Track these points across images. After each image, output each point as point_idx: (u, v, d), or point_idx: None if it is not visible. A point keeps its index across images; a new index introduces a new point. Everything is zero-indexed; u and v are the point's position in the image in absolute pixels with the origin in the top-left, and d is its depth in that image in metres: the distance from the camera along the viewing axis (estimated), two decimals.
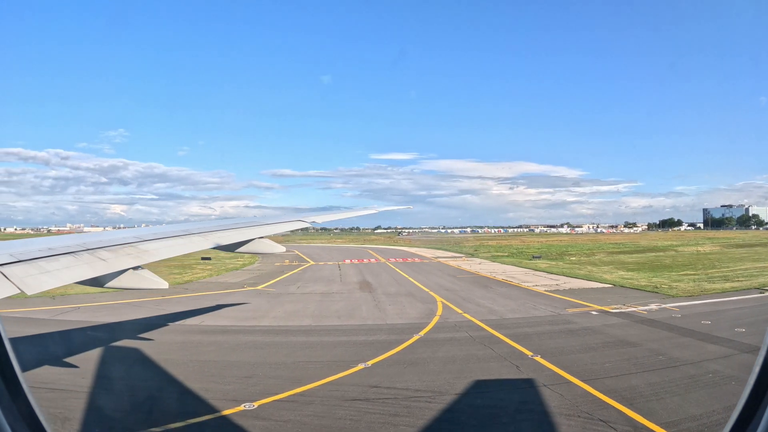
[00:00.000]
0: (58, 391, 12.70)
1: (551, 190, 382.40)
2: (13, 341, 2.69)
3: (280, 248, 10.78)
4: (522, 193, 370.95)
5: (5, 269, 5.30)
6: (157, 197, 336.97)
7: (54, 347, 18.16)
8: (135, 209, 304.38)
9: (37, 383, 13.03)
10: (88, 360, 15.84)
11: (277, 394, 12.71)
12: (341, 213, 15.92)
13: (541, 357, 16.11)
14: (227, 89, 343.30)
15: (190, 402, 12.28)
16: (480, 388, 13.17)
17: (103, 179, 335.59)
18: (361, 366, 15.25)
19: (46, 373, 14.30)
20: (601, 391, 12.63)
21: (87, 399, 12.35)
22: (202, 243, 9.12)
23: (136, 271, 7.06)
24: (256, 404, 11.96)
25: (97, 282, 6.62)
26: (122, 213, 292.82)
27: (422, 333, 20.09)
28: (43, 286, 5.43)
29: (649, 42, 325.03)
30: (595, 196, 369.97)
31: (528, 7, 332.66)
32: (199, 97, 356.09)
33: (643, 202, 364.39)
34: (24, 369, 2.66)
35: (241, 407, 11.75)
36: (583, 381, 13.53)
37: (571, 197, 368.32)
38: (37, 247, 6.40)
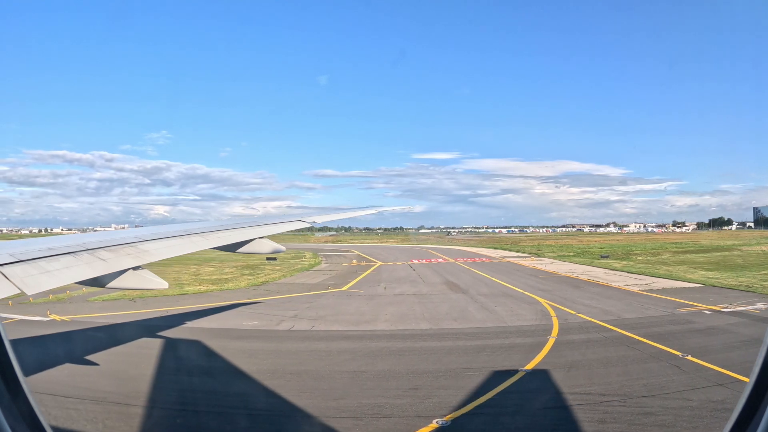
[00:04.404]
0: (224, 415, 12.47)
1: (594, 188, 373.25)
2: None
3: (280, 248, 10.73)
4: (565, 192, 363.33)
5: (5, 269, 5.24)
6: (200, 198, 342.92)
7: (189, 357, 18.14)
8: (178, 210, 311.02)
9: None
10: (220, 373, 16.02)
11: (461, 407, 12.41)
12: (342, 213, 16.34)
13: (692, 356, 16.48)
14: (269, 90, 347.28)
15: (375, 420, 11.83)
16: (659, 389, 13.52)
17: (147, 180, 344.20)
18: (522, 372, 15.39)
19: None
20: None
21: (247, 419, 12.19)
22: (202, 243, 9.00)
23: (136, 271, 6.98)
24: (447, 419, 11.62)
25: (98, 282, 6.57)
26: (165, 214, 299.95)
27: (554, 335, 20.56)
28: (43, 286, 5.41)
29: (692, 42, 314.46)
30: (639, 195, 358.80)
31: (574, 9, 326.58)
32: (240, 98, 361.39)
33: (689, 200, 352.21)
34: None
35: (434, 424, 11.37)
36: None
37: (614, 196, 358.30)
38: (37, 247, 6.36)
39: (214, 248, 9.28)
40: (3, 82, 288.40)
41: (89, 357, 17.45)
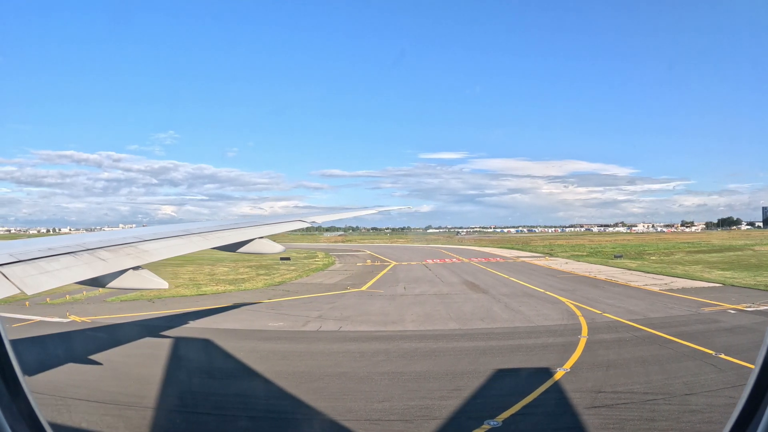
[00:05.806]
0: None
1: (601, 188, 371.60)
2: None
3: (279, 248, 10.85)
4: (572, 191, 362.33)
5: (5, 269, 5.26)
6: (207, 198, 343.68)
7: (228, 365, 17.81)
8: (185, 210, 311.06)
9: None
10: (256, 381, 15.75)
11: (507, 407, 12.43)
12: (343, 213, 16.47)
13: (725, 355, 16.71)
14: (275, 90, 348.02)
15: (426, 422, 11.87)
16: (700, 387, 13.76)
17: (154, 180, 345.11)
18: (562, 371, 15.52)
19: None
20: None
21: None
22: (202, 243, 9.03)
23: (136, 271, 7.01)
24: (498, 420, 11.68)
25: (98, 282, 6.59)
26: (173, 214, 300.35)
27: (584, 334, 20.77)
28: (43, 286, 5.42)
29: (699, 42, 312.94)
30: (647, 195, 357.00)
31: (581, 9, 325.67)
32: (246, 98, 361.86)
33: (697, 200, 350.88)
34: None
35: (486, 425, 11.45)
36: None
37: (621, 196, 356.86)
38: (37, 247, 6.39)
39: (214, 248, 9.31)
40: (10, 82, 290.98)
41: (118, 358, 17.68)
